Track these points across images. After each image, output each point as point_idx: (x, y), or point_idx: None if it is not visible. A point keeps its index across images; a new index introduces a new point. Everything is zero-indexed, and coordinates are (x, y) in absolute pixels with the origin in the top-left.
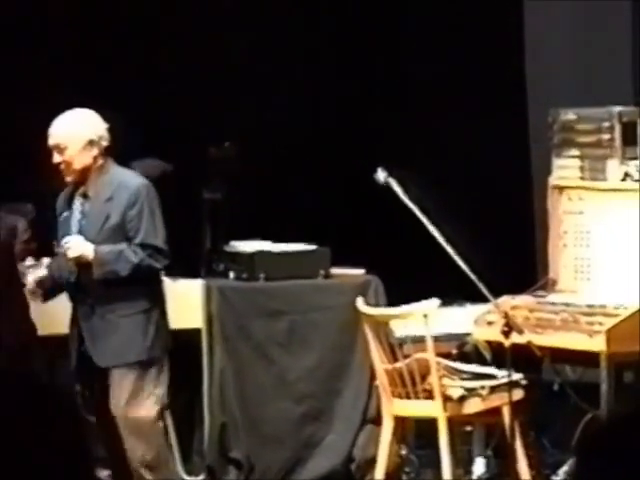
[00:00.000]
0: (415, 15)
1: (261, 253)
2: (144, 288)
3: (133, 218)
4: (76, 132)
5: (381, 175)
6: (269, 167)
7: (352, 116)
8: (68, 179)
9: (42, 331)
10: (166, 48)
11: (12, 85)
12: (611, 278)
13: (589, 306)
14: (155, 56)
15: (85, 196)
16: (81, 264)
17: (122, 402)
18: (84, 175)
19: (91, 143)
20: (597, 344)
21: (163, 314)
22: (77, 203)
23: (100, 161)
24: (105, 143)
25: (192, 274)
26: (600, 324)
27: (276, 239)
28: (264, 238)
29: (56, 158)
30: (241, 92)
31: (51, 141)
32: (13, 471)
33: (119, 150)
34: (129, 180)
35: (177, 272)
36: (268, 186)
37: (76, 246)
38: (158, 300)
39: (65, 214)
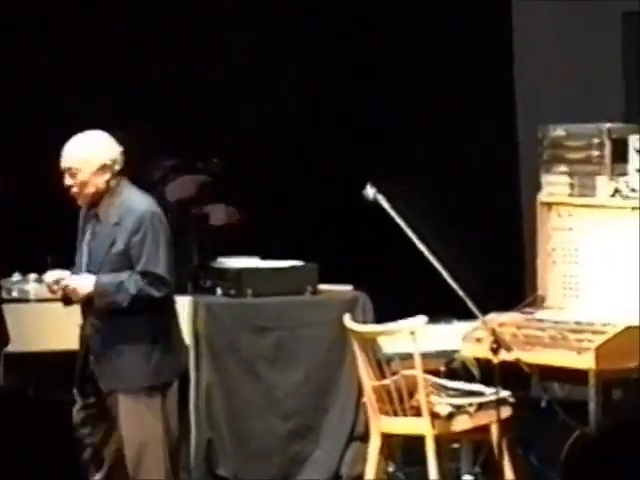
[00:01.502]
0: (408, 46)
1: (249, 269)
2: (148, 316)
3: (135, 245)
4: (89, 156)
5: (370, 191)
6: (258, 183)
7: (342, 133)
8: (80, 202)
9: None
10: (166, 48)
11: (12, 85)
12: (600, 295)
13: (577, 323)
14: (155, 56)
15: (97, 218)
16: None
17: (125, 428)
18: (96, 198)
19: (104, 167)
20: (586, 361)
21: (170, 343)
22: (90, 224)
23: (113, 183)
24: (118, 167)
25: (179, 290)
26: (589, 341)
27: (264, 255)
28: (252, 254)
29: (67, 181)
30: (239, 99)
31: (63, 164)
32: None
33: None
34: (136, 205)
35: None
36: (257, 202)
37: (78, 288)
38: (163, 329)
39: (80, 234)
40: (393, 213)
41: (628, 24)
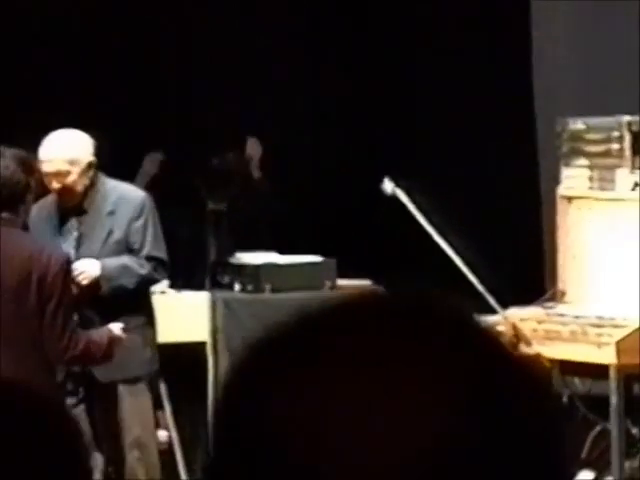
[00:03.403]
0: (425, 37)
1: (267, 265)
2: (142, 302)
3: (138, 230)
4: (77, 156)
5: (388, 186)
6: (277, 177)
7: (360, 128)
8: (68, 203)
9: None
10: (171, 57)
11: (12, 86)
12: (620, 289)
13: (598, 317)
14: (157, 62)
15: (81, 212)
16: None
17: (125, 418)
18: (82, 195)
19: (90, 165)
20: (606, 356)
21: (154, 328)
22: (72, 220)
23: (94, 178)
24: (96, 161)
25: (197, 286)
26: (609, 336)
27: (282, 251)
28: (270, 249)
29: (55, 185)
30: (251, 106)
31: (49, 168)
32: None
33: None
34: (130, 193)
35: (182, 284)
36: (275, 197)
37: (87, 272)
38: (152, 314)
39: (49, 228)
40: (411, 207)
41: None
